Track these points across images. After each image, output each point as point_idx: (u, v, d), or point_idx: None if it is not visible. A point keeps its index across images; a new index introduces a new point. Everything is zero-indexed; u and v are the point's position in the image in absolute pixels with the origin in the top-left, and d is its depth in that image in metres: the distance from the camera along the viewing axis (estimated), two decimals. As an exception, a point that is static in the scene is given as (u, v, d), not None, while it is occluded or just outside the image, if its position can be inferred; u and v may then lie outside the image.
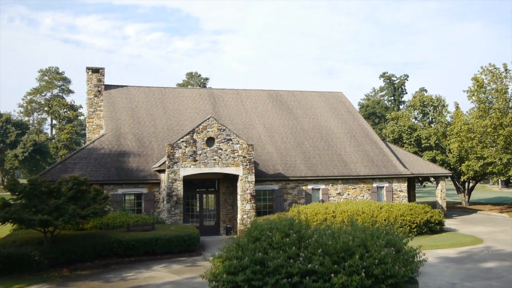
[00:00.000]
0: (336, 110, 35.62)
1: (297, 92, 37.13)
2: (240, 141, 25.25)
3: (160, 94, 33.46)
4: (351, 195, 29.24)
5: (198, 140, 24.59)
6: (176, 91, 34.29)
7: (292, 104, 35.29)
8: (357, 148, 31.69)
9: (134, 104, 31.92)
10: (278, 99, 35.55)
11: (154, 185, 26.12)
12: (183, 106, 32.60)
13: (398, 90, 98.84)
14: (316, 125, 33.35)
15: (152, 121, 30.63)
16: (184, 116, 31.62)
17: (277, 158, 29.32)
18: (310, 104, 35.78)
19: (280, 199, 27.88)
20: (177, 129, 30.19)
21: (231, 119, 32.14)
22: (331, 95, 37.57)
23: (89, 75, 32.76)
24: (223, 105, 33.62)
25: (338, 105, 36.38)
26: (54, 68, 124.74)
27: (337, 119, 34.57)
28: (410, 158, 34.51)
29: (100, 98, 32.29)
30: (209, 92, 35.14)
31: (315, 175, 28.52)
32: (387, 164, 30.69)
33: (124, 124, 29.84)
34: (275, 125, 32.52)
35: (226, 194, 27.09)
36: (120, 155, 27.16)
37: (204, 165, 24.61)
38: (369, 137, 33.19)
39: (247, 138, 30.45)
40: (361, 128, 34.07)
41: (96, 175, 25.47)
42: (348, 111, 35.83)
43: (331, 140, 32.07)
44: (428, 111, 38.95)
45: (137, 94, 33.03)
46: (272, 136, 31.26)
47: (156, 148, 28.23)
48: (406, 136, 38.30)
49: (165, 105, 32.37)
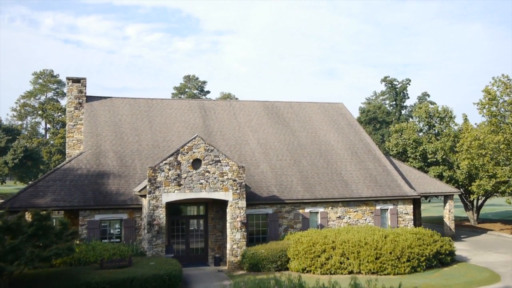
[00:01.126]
0: (336, 123, 33.17)
1: (295, 103, 34.68)
2: (230, 163, 22.80)
3: (146, 107, 31.01)
4: (352, 219, 26.78)
5: (183, 162, 22.14)
6: (164, 102, 31.84)
7: (289, 117, 32.83)
8: (359, 166, 29.23)
9: (117, 117, 29.47)
10: (274, 111, 33.11)
11: (136, 210, 23.66)
12: (171, 120, 30.14)
13: (400, 95, 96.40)
14: (314, 140, 30.90)
15: (137, 136, 28.18)
16: (172, 131, 29.17)
17: (272, 178, 26.86)
18: (309, 116, 33.33)
19: (274, 224, 25.43)
20: (163, 146, 27.75)
21: (223, 134, 29.70)
22: (331, 106, 35.12)
23: (69, 86, 30.34)
24: (214, 118, 31.17)
25: (338, 117, 33.93)
26: (48, 71, 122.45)
27: (337, 133, 32.12)
28: (416, 175, 32.07)
29: (81, 110, 29.85)
30: (200, 103, 32.69)
31: (313, 197, 26.07)
32: (391, 184, 28.23)
33: (105, 140, 27.38)
34: (271, 140, 30.07)
35: (215, 219, 24.64)
36: (99, 176, 24.70)
37: (189, 190, 22.15)
38: (371, 153, 30.74)
39: (239, 155, 28.03)
40: (363, 143, 31.62)
41: (70, 199, 23.01)
42: (349, 124, 33.38)
43: (330, 157, 29.61)
44: (434, 123, 36.51)
45: (122, 106, 30.57)
46: (267, 153, 28.81)
47: (139, 167, 25.77)
48: (410, 150, 35.85)
49: (151, 119, 29.92)
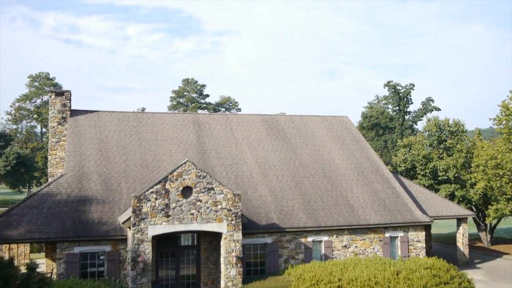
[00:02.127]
0: (340, 139, 30.83)
1: (296, 117, 32.35)
2: (225, 190, 20.46)
3: (136, 121, 28.68)
4: (359, 248, 24.44)
5: (171, 191, 19.80)
6: (155, 117, 29.50)
7: (290, 132, 30.49)
8: (366, 188, 26.89)
9: (104, 134, 27.14)
10: (273, 126, 30.77)
11: (120, 242, 21.31)
12: (162, 136, 27.81)
13: (404, 100, 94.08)
14: (317, 159, 28.56)
15: (124, 155, 25.85)
16: (163, 149, 26.84)
17: (271, 202, 24.52)
18: (311, 131, 31.00)
19: (274, 254, 23.08)
20: (153, 166, 25.42)
21: (218, 152, 27.37)
22: (335, 120, 32.78)
23: (52, 99, 28.04)
24: (209, 133, 28.84)
25: (343, 132, 31.59)
26: (44, 74, 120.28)
27: (342, 150, 29.78)
28: (426, 195, 29.74)
29: (65, 126, 27.54)
30: (194, 118, 30.34)
31: (317, 225, 23.72)
32: (401, 209, 25.89)
33: (89, 160, 25.05)
34: (270, 158, 27.73)
35: (208, 250, 22.30)
36: (80, 202, 22.36)
37: (179, 222, 19.81)
38: (379, 173, 28.40)
39: (236, 176, 25.71)
40: (370, 161, 29.28)
41: (47, 230, 20.67)
42: (354, 140, 31.04)
43: (335, 177, 27.27)
44: (445, 138, 34.17)
45: (109, 121, 28.24)
46: (266, 174, 26.47)
47: (126, 191, 23.44)
48: (420, 167, 33.51)
49: (140, 135, 27.60)
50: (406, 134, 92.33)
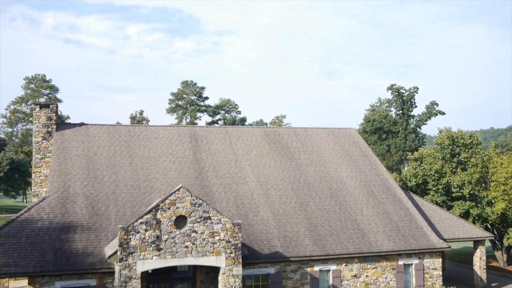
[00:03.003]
0: (348, 154, 28.68)
1: (300, 129, 30.20)
2: (223, 220, 18.32)
3: (127, 135, 26.54)
4: (370, 277, 22.31)
5: (163, 221, 17.66)
6: (148, 130, 27.35)
7: (294, 147, 28.35)
8: (377, 210, 24.76)
9: (92, 150, 25.00)
10: (276, 140, 28.62)
11: (107, 275, 19.15)
12: (156, 152, 25.67)
13: (407, 104, 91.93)
14: (324, 176, 26.42)
15: (114, 174, 23.70)
16: (156, 166, 24.70)
17: (274, 227, 22.39)
18: (317, 145, 28.85)
19: (277, 286, 20.95)
20: (145, 187, 23.29)
21: (216, 170, 25.23)
22: (341, 132, 30.63)
23: (36, 112, 25.95)
24: (207, 149, 26.70)
25: (350, 146, 29.44)
26: (41, 75, 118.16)
27: (350, 166, 27.64)
28: (440, 215, 27.61)
29: (50, 141, 25.42)
30: (191, 131, 28.18)
31: (324, 252, 21.59)
32: (416, 233, 23.76)
33: (75, 180, 22.90)
34: (273, 177, 25.59)
35: (205, 282, 20.18)
36: (64, 230, 20.22)
37: (171, 255, 17.66)
38: (390, 192, 26.27)
39: (235, 197, 23.59)
40: (380, 179, 27.14)
41: (24, 263, 18.50)
42: (363, 155, 28.89)
43: (343, 198, 25.13)
44: (458, 151, 32.01)
45: (98, 135, 26.10)
46: (268, 194, 24.33)
47: (114, 217, 21.31)
48: (432, 182, 31.34)
49: (132, 151, 25.45)
50: (410, 138, 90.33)
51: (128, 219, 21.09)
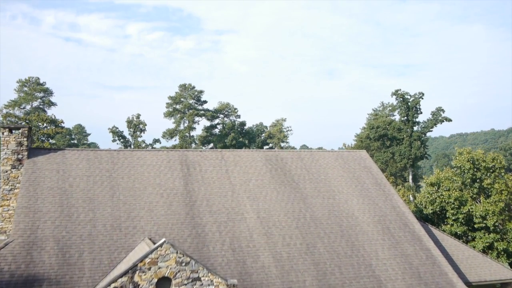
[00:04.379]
0: (359, 182, 25.51)
1: (305, 153, 27.03)
2: (215, 280, 15.17)
3: (110, 162, 23.35)
4: (388, 335, 19.15)
5: (142, 284, 14.50)
6: (134, 156, 24.16)
7: (299, 174, 25.17)
8: (394, 251, 21.60)
9: (68, 181, 21.82)
10: (278, 166, 25.44)
11: None
12: (141, 183, 22.49)
13: (412, 110, 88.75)
14: (333, 210, 23.26)
15: (91, 212, 20.52)
16: (141, 201, 21.52)
17: (277, 276, 19.22)
18: (324, 172, 25.68)
19: None
20: (127, 226, 20.12)
21: (210, 205, 22.06)
22: (351, 156, 27.45)
23: (4, 137, 22.77)
24: (200, 178, 23.52)
25: (361, 172, 26.26)
26: (34, 78, 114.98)
27: (361, 196, 24.48)
28: (463, 252, 24.49)
29: (20, 170, 22.25)
30: (182, 156, 24.97)
31: (335, 308, 18.44)
32: (439, 281, 20.60)
33: (45, 219, 19.72)
34: (275, 212, 22.42)
35: None
36: (27, 285, 17.04)
37: (152, 327, 14.51)
38: (409, 229, 23.11)
39: (231, 238, 20.42)
40: (396, 212, 23.98)
41: (-25, 331, 15.38)
42: (375, 183, 25.72)
43: (355, 236, 21.96)
44: (480, 175, 28.87)
45: (76, 162, 22.92)
46: (270, 234, 21.16)
47: (89, 266, 18.13)
48: (451, 211, 28.18)
49: (114, 182, 22.27)
50: (415, 146, 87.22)
51: (105, 268, 17.97)
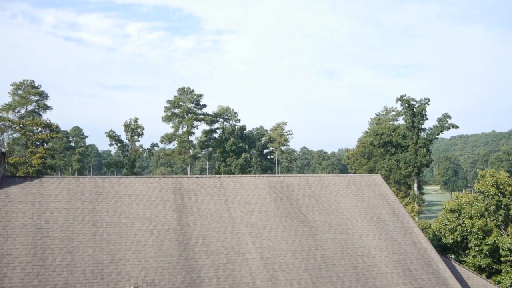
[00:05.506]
0: (375, 212, 22.77)
1: (313, 178, 24.29)
2: None
3: (94, 193, 20.59)
4: None
5: None
6: (121, 184, 21.40)
7: (307, 204, 22.42)
8: (417, 299, 18.87)
9: (44, 216, 19.06)
10: (284, 195, 22.69)
11: None
12: (128, 218, 19.74)
13: (418, 116, 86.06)
14: (346, 247, 20.51)
15: (69, 254, 17.77)
16: (127, 240, 18.78)
17: (284, 333, 16.49)
18: (335, 201, 22.94)
19: None
20: (109, 272, 17.38)
21: (207, 242, 19.31)
22: (364, 181, 24.72)
23: (-28, 165, 20.05)
24: (195, 210, 20.78)
25: (376, 201, 23.53)
26: (29, 81, 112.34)
27: (377, 230, 21.75)
28: (493, 293, 21.77)
29: (-9, 202, 19.49)
30: (176, 183, 22.21)
31: None
32: (472, 335, 17.88)
33: (14, 266, 16.96)
34: (280, 251, 19.68)
35: None
36: None
37: None
38: (432, 269, 20.35)
39: (231, 285, 17.68)
40: (417, 249, 21.24)
41: None
42: (392, 213, 22.99)
43: (373, 281, 19.21)
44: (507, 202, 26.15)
45: (54, 193, 20.16)
46: (276, 279, 18.41)
47: (62, 325, 15.39)
48: (474, 241, 25.45)
49: (97, 216, 19.52)
50: (420, 153, 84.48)
51: (83, 327, 15.23)
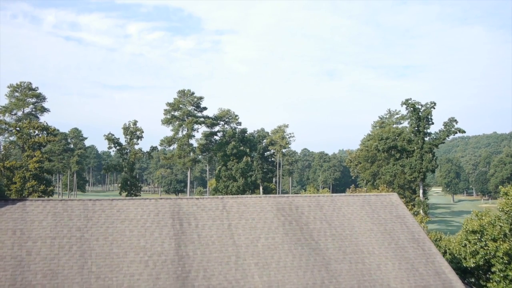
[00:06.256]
0: (392, 237, 20.69)
1: (325, 198, 22.21)
2: None
3: (83, 217, 18.53)
4: None
5: None
6: (114, 207, 19.32)
7: (318, 228, 20.34)
8: None
9: (26, 246, 17.00)
10: (293, 218, 20.61)
11: None
12: (121, 247, 17.66)
13: (423, 121, 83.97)
14: (363, 279, 18.44)
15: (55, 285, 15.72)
16: (119, 273, 16.70)
17: None
18: (349, 224, 20.86)
19: None
20: (99, 313, 15.31)
21: (208, 276, 17.24)
22: (380, 201, 22.64)
23: None
24: (196, 237, 18.70)
25: (394, 224, 21.44)
26: (26, 83, 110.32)
27: (397, 258, 19.67)
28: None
29: (-33, 229, 17.43)
30: (174, 206, 20.11)
31: None
32: None
33: (-10, 306, 14.95)
34: (290, 284, 17.58)
35: None
36: None
37: None
38: (459, 304, 18.30)
39: (236, 327, 15.60)
40: (442, 280, 19.15)
41: None
42: (412, 238, 20.91)
43: (394, 319, 17.16)
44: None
45: (38, 219, 18.09)
46: (285, 319, 16.34)
47: None
48: (499, 266, 23.40)
49: (86, 245, 17.44)
50: (426, 159, 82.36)
51: None
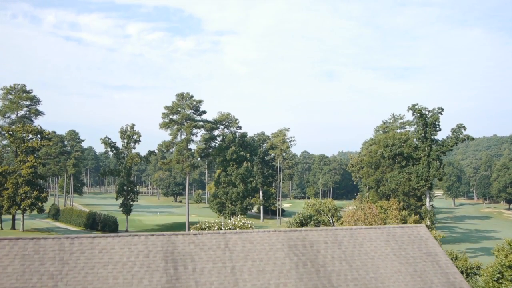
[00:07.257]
0: (423, 279, 17.68)
1: (343, 232, 19.18)
2: None
3: (57, 261, 15.49)
4: None
5: None
6: (95, 247, 16.26)
7: (337, 271, 17.32)
8: None
9: None
10: (307, 258, 17.59)
11: None
12: (103, 298, 14.66)
13: (431, 127, 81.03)
14: (392, 336, 15.46)
15: None
16: (99, 334, 13.69)
17: None
18: (373, 265, 17.86)
19: None
20: None
21: (208, 336, 14.25)
22: (406, 234, 19.63)
23: None
24: (193, 284, 15.68)
25: (424, 264, 18.41)
26: (20, 86, 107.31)
27: (429, 306, 16.69)
28: None
29: None
30: (167, 244, 17.07)
31: None
32: None
33: None
34: None
35: None
36: None
37: None
38: None
39: None
40: (484, 334, 16.17)
41: None
42: (447, 281, 17.88)
43: None
44: None
45: (4, 263, 15.07)
46: None
47: None
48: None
49: (60, 297, 14.45)
50: (433, 166, 79.39)
51: None
